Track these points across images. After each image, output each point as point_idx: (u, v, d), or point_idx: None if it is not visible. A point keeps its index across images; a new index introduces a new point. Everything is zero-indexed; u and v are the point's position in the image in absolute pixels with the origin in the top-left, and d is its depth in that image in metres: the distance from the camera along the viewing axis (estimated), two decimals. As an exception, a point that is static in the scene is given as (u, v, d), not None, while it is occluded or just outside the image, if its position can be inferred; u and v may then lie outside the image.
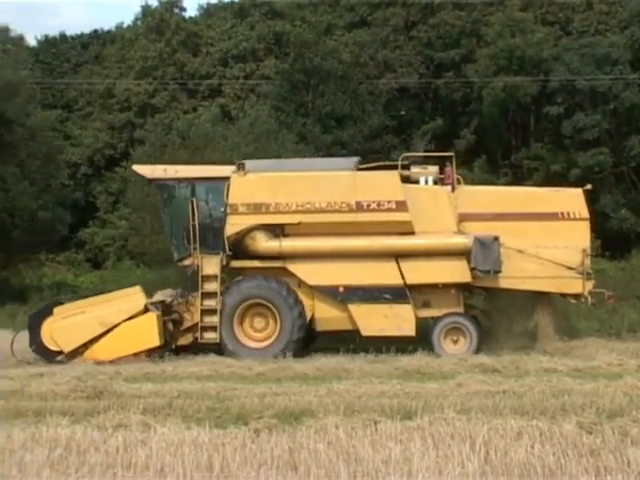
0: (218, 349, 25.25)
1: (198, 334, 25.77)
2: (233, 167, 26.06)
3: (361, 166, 26.54)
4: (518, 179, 52.54)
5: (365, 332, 25.40)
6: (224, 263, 25.92)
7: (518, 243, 25.07)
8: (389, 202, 25.31)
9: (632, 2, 53.61)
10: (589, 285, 25.13)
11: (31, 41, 65.91)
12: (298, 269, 25.69)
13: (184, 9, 64.06)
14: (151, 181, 27.51)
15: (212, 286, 25.83)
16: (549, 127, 53.44)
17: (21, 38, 63.92)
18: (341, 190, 25.45)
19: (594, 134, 49.77)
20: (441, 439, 12.03)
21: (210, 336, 25.63)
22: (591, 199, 27.17)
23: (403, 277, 25.32)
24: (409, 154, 27.98)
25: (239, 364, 23.16)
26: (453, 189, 26.02)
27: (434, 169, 26.36)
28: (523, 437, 12.11)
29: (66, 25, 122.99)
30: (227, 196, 25.77)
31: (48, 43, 67.28)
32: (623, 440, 11.85)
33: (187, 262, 26.24)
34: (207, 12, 64.49)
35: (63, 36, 68.29)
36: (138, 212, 41.75)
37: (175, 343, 25.98)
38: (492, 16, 55.46)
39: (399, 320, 25.19)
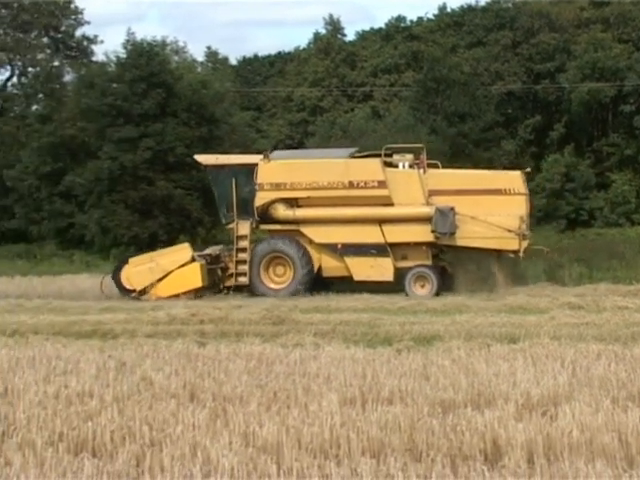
0: (372, 289, 25.35)
1: (233, 278, 26.54)
2: (260, 156, 26.94)
3: (356, 155, 27.13)
4: (599, 161, 51.45)
5: (356, 277, 25.98)
6: (254, 226, 26.79)
7: (472, 212, 25.30)
8: (373, 181, 25.90)
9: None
10: (524, 244, 25.34)
11: (233, 61, 66.52)
12: (308, 231, 26.36)
13: (345, 35, 63.90)
14: (206, 167, 28.69)
15: (244, 243, 26.63)
16: (623, 121, 52.03)
17: (226, 59, 64.61)
18: (338, 172, 26.09)
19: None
20: (538, 358, 11.86)
21: (242, 280, 26.45)
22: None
23: (384, 237, 25.83)
24: (390, 145, 27.99)
25: (385, 300, 23.14)
26: (424, 171, 26.12)
27: (410, 156, 26.58)
28: (602, 358, 11.87)
29: (258, 48, 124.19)
30: (256, 177, 26.37)
31: (245, 62, 67.81)
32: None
33: (230, 226, 27.13)
34: (362, 36, 64.09)
35: (256, 56, 68.75)
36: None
37: (223, 284, 26.76)
38: (579, 36, 54.04)
39: (382, 269, 25.78)
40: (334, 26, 62.87)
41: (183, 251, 26.74)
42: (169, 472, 7.17)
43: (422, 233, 25.57)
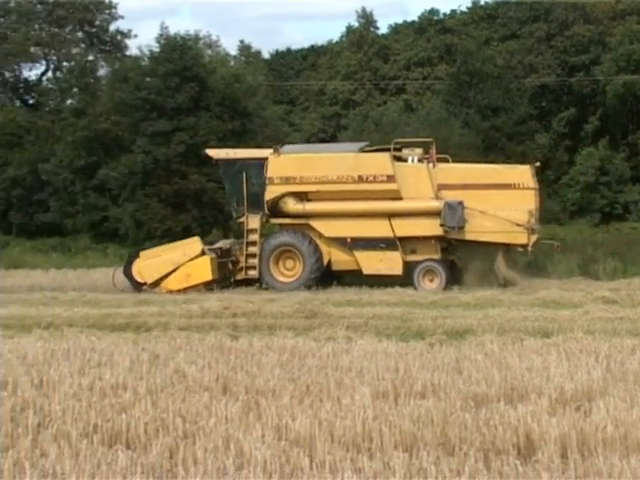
0: (403, 283, 25.30)
1: (243, 271, 26.63)
2: (271, 150, 26.84)
3: (367, 149, 27.06)
4: (634, 154, 50.98)
5: (366, 271, 25.97)
6: (264, 220, 26.80)
7: (481, 206, 25.18)
8: (382, 175, 25.77)
9: None
10: (533, 238, 25.20)
11: (265, 55, 66.61)
12: (318, 225, 26.28)
13: (378, 28, 63.69)
14: (217, 161, 28.45)
15: (254, 237, 26.66)
16: (659, 114, 51.65)
17: (259, 53, 64.73)
18: (347, 167, 25.99)
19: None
20: (572, 353, 11.79)
21: (252, 273, 26.54)
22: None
23: (393, 231, 25.86)
24: (400, 140, 28.06)
25: (417, 294, 23.12)
26: (434, 166, 25.95)
27: (419, 151, 26.51)
28: (636, 352, 11.79)
29: (291, 42, 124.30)
30: (266, 171, 26.33)
31: (278, 55, 67.86)
32: None
33: (241, 219, 27.13)
34: (395, 30, 63.93)
35: (289, 50, 68.78)
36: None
37: (234, 277, 26.82)
38: (614, 28, 53.59)
39: (390, 263, 25.69)
40: (367, 19, 62.72)
41: (193, 245, 26.79)
42: (202, 464, 7.21)
43: (431, 227, 25.51)
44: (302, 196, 26.42)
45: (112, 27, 53.17)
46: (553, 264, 27.56)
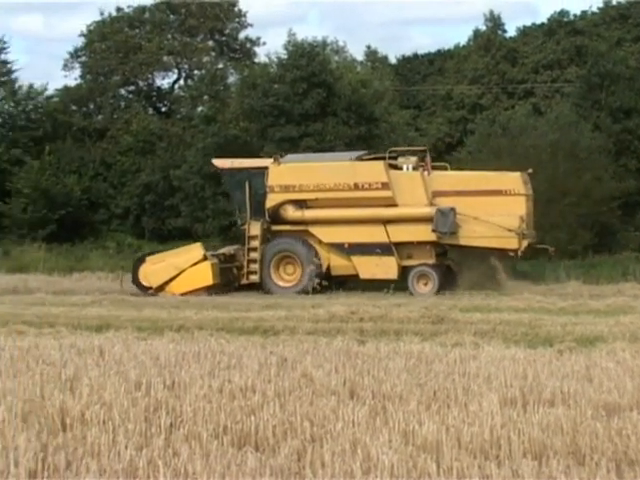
0: (531, 289, 25.09)
1: (244, 277, 27.66)
2: (271, 160, 28.08)
3: (364, 157, 28.03)
4: None
5: (363, 276, 26.96)
6: (265, 227, 27.59)
7: (473, 212, 25.83)
8: (377, 183, 26.78)
9: None
10: (524, 243, 25.79)
11: (392, 59, 66.63)
12: (317, 231, 27.30)
13: (505, 31, 62.93)
14: (222, 170, 30.14)
15: (255, 243, 27.61)
16: None
17: (385, 58, 64.78)
18: (344, 175, 27.02)
19: None
20: None
21: (253, 278, 27.57)
22: None
23: (389, 237, 26.71)
24: (394, 148, 29.13)
25: (546, 300, 22.76)
26: (429, 173, 26.92)
27: (414, 159, 27.47)
28: None
29: (417, 46, 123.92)
30: (267, 180, 27.43)
31: (404, 60, 67.75)
32: None
33: (245, 226, 28.17)
34: (523, 32, 63.04)
35: (415, 55, 68.55)
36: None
37: (239, 282, 27.87)
38: None
39: (386, 267, 26.48)
40: (494, 22, 62.04)
41: (195, 250, 28.07)
42: (330, 468, 7.25)
43: (424, 233, 26.42)
44: (301, 203, 27.58)
45: (241, 35, 54.08)
46: None
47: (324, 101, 42.76)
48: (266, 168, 27.81)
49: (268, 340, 14.80)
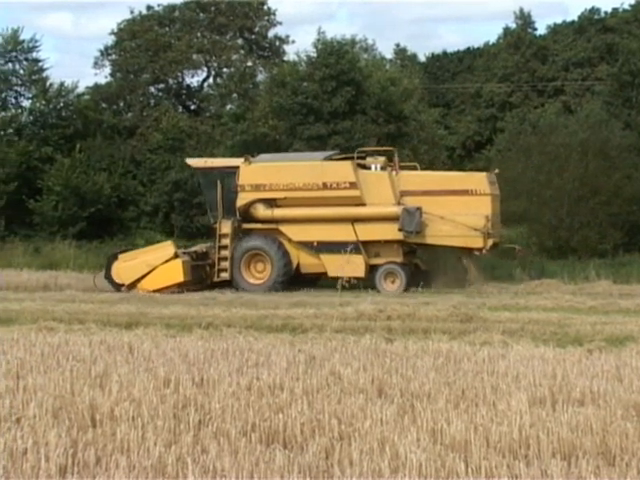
0: (560, 288, 25.01)
1: (215, 274, 28.03)
2: (242, 159, 28.47)
3: (333, 157, 28.69)
4: None
5: (331, 273, 26.98)
6: (236, 225, 27.90)
7: (440, 211, 26.36)
8: (345, 183, 27.19)
9: None
10: (489, 242, 26.29)
11: (421, 57, 66.53)
12: (286, 229, 27.75)
13: (536, 29, 62.70)
14: (196, 169, 30.68)
15: (226, 241, 27.95)
16: None
17: (414, 56, 64.67)
18: (313, 174, 27.47)
19: None
20: None
21: (224, 275, 27.91)
22: None
23: (357, 235, 27.03)
24: (362, 149, 29.71)
25: (575, 299, 22.64)
26: (396, 173, 27.27)
27: (382, 159, 27.90)
28: None
29: (447, 44, 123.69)
30: (238, 179, 27.84)
31: (434, 58, 67.66)
32: None
33: (217, 225, 28.47)
34: (553, 30, 62.73)
35: (445, 53, 68.47)
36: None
37: (211, 280, 28.15)
38: None
39: (354, 266, 26.52)
40: (524, 20, 61.80)
41: (166, 248, 28.38)
42: (358, 466, 7.25)
43: (391, 232, 26.75)
44: (271, 202, 28.02)
45: (270, 33, 54.09)
46: None
47: (353, 99, 42.70)
48: (237, 167, 28.23)
49: (296, 338, 14.81)
